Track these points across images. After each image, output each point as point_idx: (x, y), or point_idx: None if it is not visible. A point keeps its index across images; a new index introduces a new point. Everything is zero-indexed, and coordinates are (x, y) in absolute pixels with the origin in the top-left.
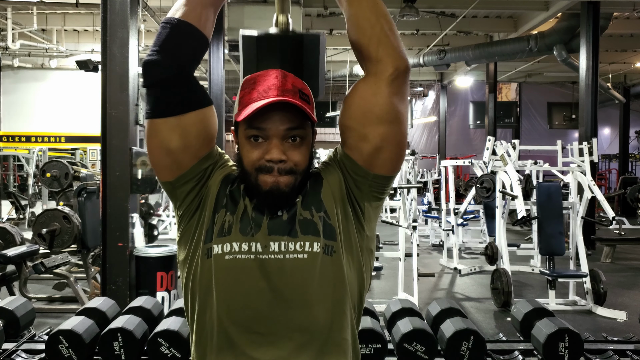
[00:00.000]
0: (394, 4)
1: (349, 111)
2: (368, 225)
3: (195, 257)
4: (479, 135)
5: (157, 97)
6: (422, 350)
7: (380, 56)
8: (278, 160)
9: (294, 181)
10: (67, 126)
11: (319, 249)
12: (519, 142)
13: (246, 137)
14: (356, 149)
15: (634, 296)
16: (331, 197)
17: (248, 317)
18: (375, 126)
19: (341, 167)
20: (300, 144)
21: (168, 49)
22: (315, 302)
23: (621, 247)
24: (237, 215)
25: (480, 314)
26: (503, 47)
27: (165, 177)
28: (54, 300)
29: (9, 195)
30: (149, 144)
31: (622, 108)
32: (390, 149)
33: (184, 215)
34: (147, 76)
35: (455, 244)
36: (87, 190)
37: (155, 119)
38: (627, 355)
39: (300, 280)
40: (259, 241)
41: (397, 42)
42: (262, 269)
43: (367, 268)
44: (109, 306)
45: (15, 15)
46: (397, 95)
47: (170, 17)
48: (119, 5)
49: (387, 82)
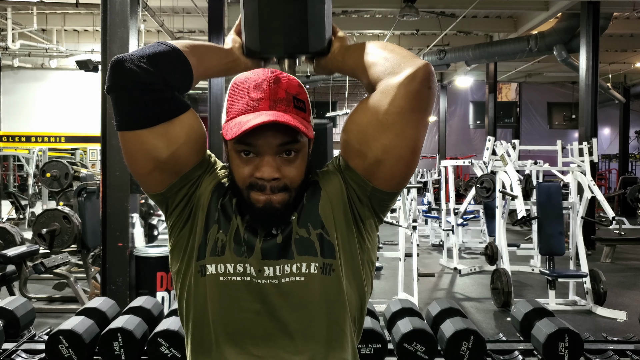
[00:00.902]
0: (394, 4)
1: (354, 115)
2: (369, 236)
3: (188, 271)
4: (479, 135)
5: (136, 103)
6: (422, 351)
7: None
8: (270, 179)
9: (288, 198)
10: (67, 126)
11: (316, 270)
12: (519, 142)
13: (236, 152)
14: (356, 156)
15: (634, 296)
16: (330, 211)
17: (245, 339)
18: (376, 135)
19: (342, 174)
20: (295, 157)
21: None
22: (314, 324)
23: (621, 247)
24: (230, 234)
25: (480, 314)
26: (503, 47)
27: (155, 190)
28: (54, 300)
29: (9, 195)
30: (131, 157)
31: (622, 108)
32: (392, 164)
33: (174, 226)
34: (122, 75)
35: (455, 244)
36: (87, 190)
37: (138, 130)
38: (627, 355)
39: (297, 303)
40: (252, 265)
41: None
42: (258, 292)
43: (368, 280)
44: (109, 306)
45: (15, 15)
46: (411, 103)
47: (170, 43)
48: (119, 5)
49: (401, 83)
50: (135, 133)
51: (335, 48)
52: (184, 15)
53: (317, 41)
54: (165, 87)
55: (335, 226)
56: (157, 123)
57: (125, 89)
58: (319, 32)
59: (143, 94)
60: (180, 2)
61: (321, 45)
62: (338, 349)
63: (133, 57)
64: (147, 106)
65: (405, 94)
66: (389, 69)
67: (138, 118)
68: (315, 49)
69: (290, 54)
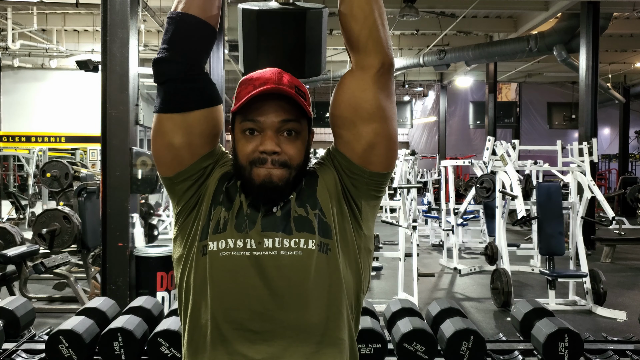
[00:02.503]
0: (394, 4)
1: (339, 109)
2: (365, 224)
3: (190, 254)
4: (478, 135)
5: (165, 92)
6: (422, 350)
7: (369, 49)
8: (272, 152)
9: (288, 175)
10: (67, 126)
11: (314, 246)
12: (519, 142)
13: (241, 131)
14: (350, 146)
15: (634, 296)
16: (327, 195)
17: (242, 314)
18: (366, 123)
19: (335, 166)
20: (295, 138)
21: (176, 45)
22: (311, 300)
23: (621, 247)
24: (233, 211)
25: (480, 314)
26: (503, 47)
27: (165, 173)
28: (54, 300)
29: (9, 195)
30: (153, 138)
31: (622, 108)
32: (384, 144)
33: (181, 211)
34: (158, 74)
35: (455, 244)
36: (87, 190)
37: (161, 114)
38: (627, 355)
39: (295, 278)
40: (252, 238)
41: (386, 36)
42: (257, 265)
43: (365, 268)
44: (109, 306)
45: (15, 15)
46: (384, 91)
47: (174, 11)
48: (119, 5)
49: (374, 78)
50: (160, 116)
51: None
52: None
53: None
54: (189, 64)
55: (331, 210)
56: (182, 110)
57: (164, 84)
58: None
59: (171, 87)
60: None
61: None
62: (334, 329)
63: (159, 50)
64: (179, 94)
65: (382, 84)
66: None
67: (169, 104)
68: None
69: None
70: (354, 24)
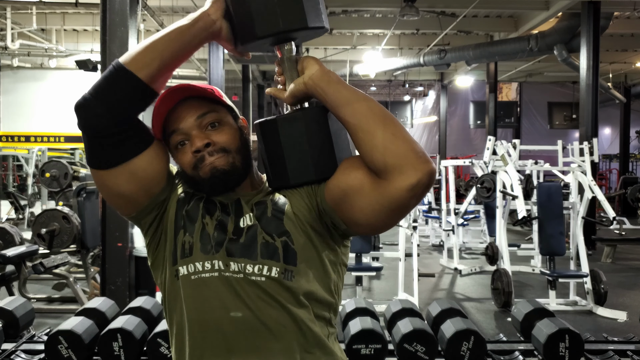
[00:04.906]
0: (394, 4)
1: (345, 188)
2: (344, 242)
3: (166, 280)
4: (479, 135)
5: (91, 148)
6: (423, 351)
7: (388, 168)
8: (203, 146)
9: (232, 159)
10: (67, 126)
11: (277, 274)
12: (520, 142)
13: (175, 148)
14: (339, 209)
15: (635, 296)
16: (294, 220)
17: (217, 334)
18: (361, 211)
19: (317, 204)
20: (221, 127)
21: (105, 99)
22: (273, 325)
23: (622, 247)
24: (197, 235)
25: (480, 314)
26: (503, 46)
27: (126, 214)
28: (53, 300)
29: (8, 195)
30: (99, 189)
31: (623, 108)
32: (366, 231)
33: (151, 243)
34: (80, 118)
35: (456, 244)
36: (86, 190)
37: (97, 170)
38: (628, 355)
39: (258, 302)
40: (220, 260)
41: (407, 146)
42: (228, 284)
43: (340, 280)
44: (109, 306)
45: (14, 15)
46: (402, 213)
47: (122, 63)
48: (118, 5)
49: (403, 196)
50: (97, 172)
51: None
52: (183, 15)
53: (316, 19)
54: (117, 125)
55: (301, 234)
56: (116, 165)
57: (86, 136)
58: (316, 11)
59: (102, 140)
60: (180, 2)
61: (320, 23)
62: (302, 351)
63: (85, 101)
64: (108, 149)
65: (399, 204)
66: (391, 163)
67: (100, 161)
68: (314, 25)
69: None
70: (360, 147)
